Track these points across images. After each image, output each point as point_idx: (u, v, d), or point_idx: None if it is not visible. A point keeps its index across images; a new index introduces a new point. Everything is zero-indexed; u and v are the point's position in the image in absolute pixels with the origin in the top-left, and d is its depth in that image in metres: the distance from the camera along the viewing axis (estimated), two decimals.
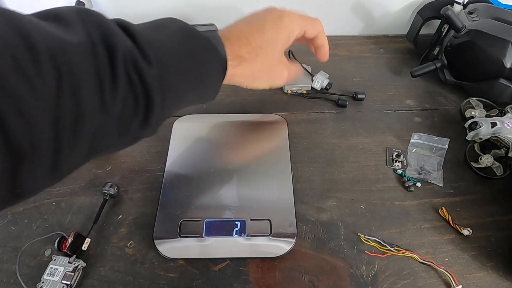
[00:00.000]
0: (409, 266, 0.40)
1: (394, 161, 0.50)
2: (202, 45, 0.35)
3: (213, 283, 0.39)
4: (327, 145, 0.52)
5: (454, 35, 0.56)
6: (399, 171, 0.49)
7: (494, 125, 0.46)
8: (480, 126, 0.47)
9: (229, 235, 0.41)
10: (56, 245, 0.39)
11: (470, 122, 0.48)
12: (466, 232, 0.42)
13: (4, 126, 0.21)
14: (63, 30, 0.26)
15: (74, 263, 0.38)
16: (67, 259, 0.38)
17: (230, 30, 0.40)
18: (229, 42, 0.38)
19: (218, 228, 0.42)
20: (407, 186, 0.47)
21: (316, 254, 0.41)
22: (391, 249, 0.41)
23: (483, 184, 0.48)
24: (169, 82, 0.31)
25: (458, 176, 0.49)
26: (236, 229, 0.41)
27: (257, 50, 0.39)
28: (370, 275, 0.39)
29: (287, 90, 0.59)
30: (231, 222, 0.42)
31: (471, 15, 0.56)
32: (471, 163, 0.49)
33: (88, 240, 0.40)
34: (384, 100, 0.59)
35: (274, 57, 0.41)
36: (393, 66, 0.65)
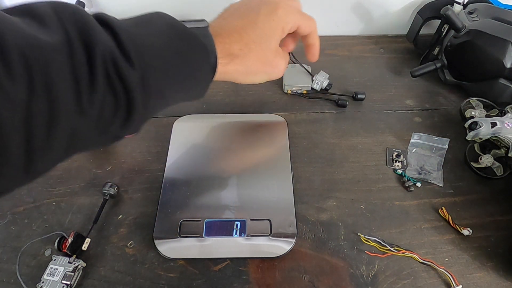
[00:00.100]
0: (409, 266, 0.40)
1: (394, 161, 0.50)
2: (190, 43, 0.33)
3: (213, 283, 0.39)
4: (327, 145, 0.52)
5: (454, 35, 0.56)
6: (399, 171, 0.49)
7: (494, 125, 0.46)
8: (480, 126, 0.47)
9: (229, 235, 0.41)
10: (56, 245, 0.39)
11: (470, 122, 0.48)
12: (466, 232, 0.42)
13: None
14: (37, 27, 0.24)
15: (74, 263, 0.38)
16: (67, 259, 0.38)
17: (221, 25, 0.38)
18: (219, 39, 0.36)
19: (218, 228, 0.42)
20: (407, 186, 0.47)
21: (316, 254, 0.41)
22: (391, 249, 0.41)
23: (483, 184, 0.48)
24: (152, 82, 0.30)
25: (458, 176, 0.49)
26: (236, 229, 0.41)
27: (249, 45, 0.38)
28: (370, 275, 0.39)
29: (287, 90, 0.59)
30: (231, 222, 0.42)
31: (471, 15, 0.56)
32: (471, 163, 0.49)
33: (88, 240, 0.40)
34: (384, 100, 0.59)
35: (269, 49, 0.40)
36: (393, 66, 0.65)
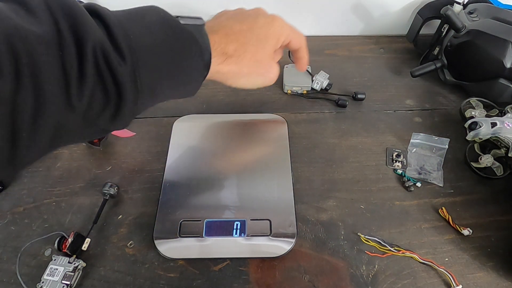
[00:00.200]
0: (409, 266, 0.40)
1: (394, 161, 0.50)
2: (184, 39, 0.32)
3: (213, 283, 0.39)
4: (327, 145, 0.52)
5: (454, 35, 0.56)
6: (399, 171, 0.49)
7: (494, 125, 0.46)
8: (480, 126, 0.47)
9: (229, 235, 0.41)
10: (56, 245, 0.39)
11: (470, 122, 0.48)
12: (466, 232, 0.42)
13: None
14: (26, 16, 0.24)
15: (74, 263, 0.38)
16: (67, 259, 0.38)
17: (218, 25, 0.38)
18: (215, 38, 0.36)
19: (218, 228, 0.42)
20: (407, 186, 0.47)
21: (316, 254, 0.41)
22: (391, 249, 0.41)
23: (483, 184, 0.48)
24: (143, 77, 0.29)
25: (458, 176, 0.49)
26: (236, 229, 0.41)
27: (245, 47, 0.38)
28: (370, 275, 0.39)
29: (287, 90, 0.59)
30: (231, 222, 0.42)
31: (471, 15, 0.56)
32: (471, 163, 0.49)
33: (88, 240, 0.40)
34: (384, 100, 0.59)
35: (264, 52, 0.40)
36: (393, 66, 0.65)
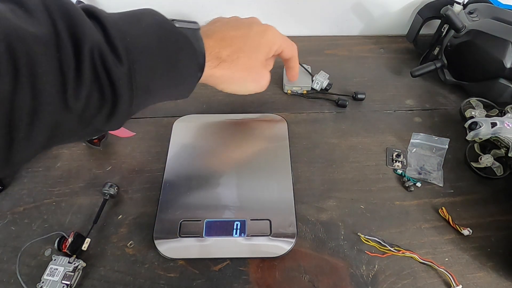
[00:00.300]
0: (409, 266, 0.40)
1: (394, 161, 0.50)
2: (179, 42, 0.33)
3: (213, 283, 0.39)
4: (327, 145, 0.52)
5: (454, 35, 0.56)
6: (399, 171, 0.49)
7: (494, 125, 0.46)
8: (480, 126, 0.47)
9: (229, 235, 0.41)
10: (56, 245, 0.39)
11: (470, 122, 0.48)
12: (466, 232, 0.42)
13: None
14: (24, 17, 0.24)
15: (74, 263, 0.38)
16: (67, 259, 0.38)
17: (213, 30, 0.39)
18: (210, 42, 0.36)
19: (218, 228, 0.42)
20: (407, 186, 0.47)
21: (316, 254, 0.41)
22: (391, 249, 0.41)
23: (483, 184, 0.48)
24: (139, 78, 0.30)
25: (458, 176, 0.49)
26: (236, 229, 0.41)
27: (238, 53, 0.39)
28: (370, 275, 0.39)
29: (287, 90, 0.59)
30: (231, 222, 0.42)
31: (471, 15, 0.56)
32: (471, 163, 0.49)
33: (88, 240, 0.40)
34: (384, 100, 0.59)
35: (257, 59, 0.41)
36: (393, 66, 0.65)
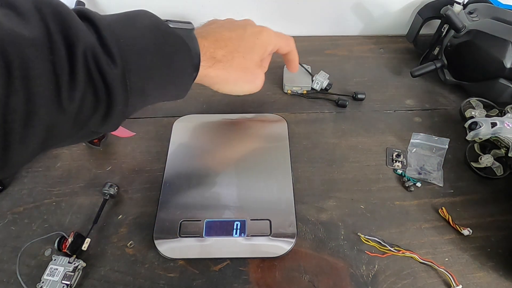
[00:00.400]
0: (409, 266, 0.40)
1: (394, 161, 0.50)
2: (173, 43, 0.33)
3: (213, 283, 0.39)
4: (327, 145, 0.52)
5: (454, 35, 0.56)
6: (399, 171, 0.49)
7: (494, 125, 0.46)
8: (480, 126, 0.47)
9: (229, 235, 0.41)
10: (56, 245, 0.39)
11: (470, 122, 0.48)
12: (466, 232, 0.42)
13: None
14: (17, 20, 0.24)
15: (74, 263, 0.38)
16: (67, 259, 0.38)
17: (208, 31, 0.39)
18: (205, 43, 0.37)
19: (218, 228, 0.42)
20: (407, 186, 0.47)
21: (316, 254, 0.41)
22: (391, 249, 0.41)
23: (483, 184, 0.48)
24: (133, 80, 0.30)
25: (458, 176, 0.49)
26: (236, 229, 0.41)
27: (233, 54, 0.39)
28: (370, 275, 0.39)
29: (287, 90, 0.59)
30: (231, 222, 0.42)
31: (471, 15, 0.56)
32: (471, 163, 0.49)
33: (88, 240, 0.40)
34: (384, 100, 0.59)
35: (251, 60, 0.41)
36: (393, 66, 0.65)
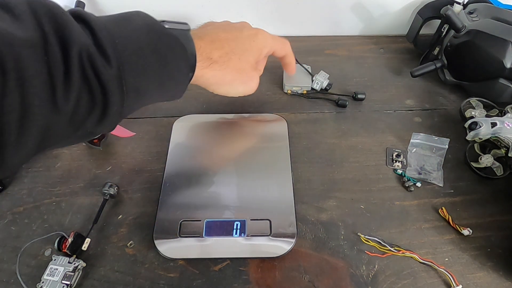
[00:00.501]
0: (409, 266, 0.40)
1: (394, 161, 0.50)
2: (169, 43, 0.33)
3: (213, 283, 0.39)
4: (327, 145, 0.52)
5: (454, 35, 0.56)
6: (399, 171, 0.49)
7: (494, 125, 0.46)
8: (480, 126, 0.47)
9: (229, 235, 0.41)
10: (56, 245, 0.39)
11: (470, 122, 0.48)
12: (466, 232, 0.42)
13: None
14: (11, 21, 0.24)
15: (74, 263, 0.38)
16: (67, 259, 0.38)
17: (204, 32, 0.40)
18: (201, 43, 0.37)
19: (218, 228, 0.42)
20: (407, 186, 0.47)
21: (316, 254, 0.41)
22: (391, 249, 0.41)
23: (483, 184, 0.48)
24: (129, 80, 0.30)
25: (458, 176, 0.49)
26: (236, 229, 0.41)
27: (229, 55, 0.39)
28: (370, 275, 0.39)
29: (287, 90, 0.59)
30: (231, 222, 0.42)
31: (471, 15, 0.56)
32: (471, 163, 0.49)
33: (88, 240, 0.40)
34: (384, 100, 0.59)
35: (247, 61, 0.42)
36: (393, 66, 0.65)
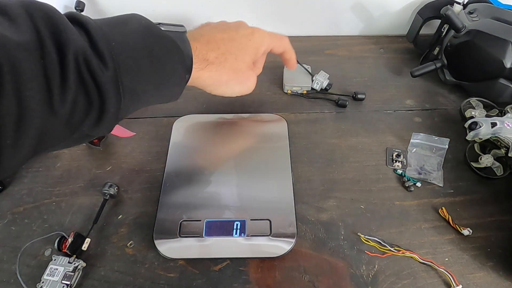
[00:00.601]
0: (409, 266, 0.40)
1: (394, 161, 0.50)
2: (165, 45, 0.33)
3: (213, 283, 0.39)
4: (327, 145, 0.52)
5: (454, 35, 0.56)
6: (399, 171, 0.49)
7: (494, 125, 0.46)
8: (480, 126, 0.47)
9: (229, 235, 0.41)
10: (56, 245, 0.39)
11: (470, 122, 0.48)
12: (466, 232, 0.42)
13: None
14: (7, 25, 0.24)
15: (74, 263, 0.38)
16: (67, 259, 0.38)
17: (200, 33, 0.40)
18: (197, 45, 0.37)
19: (218, 228, 0.42)
20: (407, 186, 0.47)
21: (316, 254, 0.41)
22: (391, 249, 0.41)
23: (483, 184, 0.48)
24: (125, 82, 0.30)
25: (458, 176, 0.49)
26: (236, 229, 0.41)
27: (226, 55, 0.40)
28: (370, 275, 0.39)
29: (287, 90, 0.59)
30: (231, 222, 0.42)
31: (471, 15, 0.56)
32: (471, 163, 0.49)
33: (88, 240, 0.40)
34: (384, 100, 0.59)
35: (243, 61, 0.42)
36: (393, 66, 0.65)
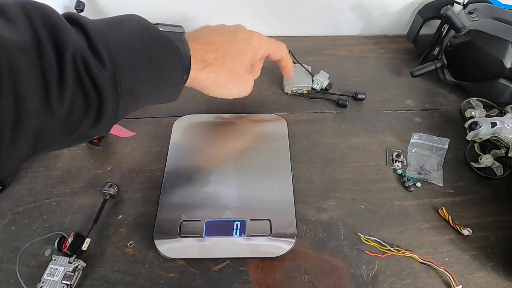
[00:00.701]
0: (409, 266, 0.40)
1: (394, 161, 0.50)
2: (163, 45, 0.33)
3: (213, 283, 0.39)
4: (327, 145, 0.52)
5: (454, 35, 0.56)
6: (399, 171, 0.49)
7: (494, 125, 0.46)
8: (480, 126, 0.47)
9: (229, 235, 0.41)
10: (56, 245, 0.39)
11: (470, 122, 0.48)
12: (466, 232, 0.42)
13: None
14: (5, 25, 0.24)
15: (74, 263, 0.38)
16: (67, 259, 0.38)
17: (199, 35, 0.40)
18: (195, 46, 0.37)
19: (218, 228, 0.42)
20: (407, 186, 0.47)
21: (316, 254, 0.41)
22: (391, 249, 0.41)
23: (483, 184, 0.48)
24: (123, 82, 0.30)
25: (458, 176, 0.49)
26: (236, 229, 0.41)
27: (224, 57, 0.40)
28: (370, 275, 0.39)
29: (287, 90, 0.59)
30: (231, 222, 0.42)
31: (471, 15, 0.56)
32: (471, 163, 0.49)
33: (88, 240, 0.40)
34: (384, 100, 0.59)
35: (241, 64, 0.42)
36: (393, 66, 0.65)
